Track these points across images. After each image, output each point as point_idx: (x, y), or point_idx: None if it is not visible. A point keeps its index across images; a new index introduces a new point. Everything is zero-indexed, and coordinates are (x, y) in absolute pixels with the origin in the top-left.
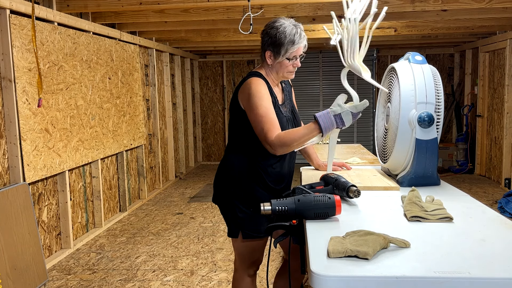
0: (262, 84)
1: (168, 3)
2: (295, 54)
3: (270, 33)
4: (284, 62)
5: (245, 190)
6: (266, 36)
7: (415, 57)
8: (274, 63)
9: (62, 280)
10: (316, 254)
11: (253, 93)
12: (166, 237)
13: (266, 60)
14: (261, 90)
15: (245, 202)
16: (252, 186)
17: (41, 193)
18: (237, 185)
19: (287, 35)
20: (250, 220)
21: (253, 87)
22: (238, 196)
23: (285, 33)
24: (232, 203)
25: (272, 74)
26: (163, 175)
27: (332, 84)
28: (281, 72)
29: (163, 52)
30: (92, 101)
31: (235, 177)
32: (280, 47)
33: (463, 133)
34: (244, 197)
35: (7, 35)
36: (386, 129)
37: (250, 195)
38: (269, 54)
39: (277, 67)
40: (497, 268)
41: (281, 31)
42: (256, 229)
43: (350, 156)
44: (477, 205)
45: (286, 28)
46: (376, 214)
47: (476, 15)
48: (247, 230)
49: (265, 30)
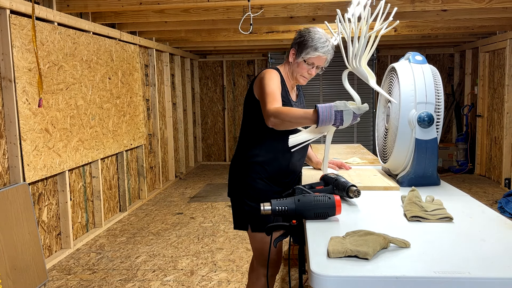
0: (275, 74)
1: (168, 3)
2: (314, 61)
3: (302, 33)
4: (301, 64)
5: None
6: (298, 35)
7: (415, 57)
8: (293, 62)
9: (62, 280)
10: (316, 254)
11: (265, 77)
12: (166, 237)
13: (289, 57)
14: (273, 77)
15: (250, 196)
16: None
17: (41, 193)
18: (243, 178)
19: (315, 40)
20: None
21: (266, 74)
22: (244, 190)
23: (313, 38)
24: (239, 197)
25: (289, 72)
26: (163, 175)
27: (332, 84)
28: (296, 73)
29: (163, 52)
30: (92, 101)
31: (241, 170)
32: (303, 47)
33: (463, 133)
34: (249, 190)
35: (7, 35)
36: (386, 129)
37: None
38: (293, 51)
39: (294, 67)
40: (497, 268)
41: (312, 35)
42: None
43: (350, 156)
44: (477, 205)
45: (317, 35)
46: (376, 214)
47: (476, 15)
48: (254, 223)
49: (300, 30)
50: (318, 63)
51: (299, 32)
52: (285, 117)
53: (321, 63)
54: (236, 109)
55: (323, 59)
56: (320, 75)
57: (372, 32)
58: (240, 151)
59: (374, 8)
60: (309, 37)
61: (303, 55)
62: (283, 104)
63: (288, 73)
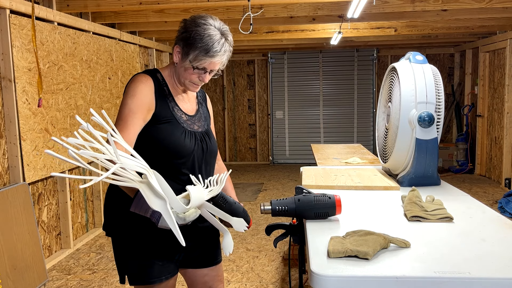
0: (144, 83)
1: (168, 3)
2: (206, 66)
3: (188, 26)
4: (189, 69)
5: (127, 223)
6: (182, 28)
7: (416, 57)
8: (179, 64)
9: (62, 280)
10: (316, 254)
11: (127, 91)
12: None
13: (173, 57)
14: (137, 88)
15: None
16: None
17: (41, 193)
18: (119, 216)
19: (205, 39)
20: (134, 264)
21: (131, 84)
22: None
23: (203, 36)
24: (115, 239)
25: (176, 76)
26: None
27: (332, 84)
28: (183, 78)
29: (163, 52)
30: (92, 101)
31: (117, 206)
32: (190, 47)
33: (463, 133)
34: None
35: (7, 35)
36: (386, 129)
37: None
38: (178, 49)
39: (181, 71)
40: (497, 268)
41: (200, 31)
42: (144, 274)
43: (350, 156)
44: (477, 205)
45: (206, 31)
46: (376, 214)
47: (476, 15)
48: (131, 275)
49: (186, 21)
50: (211, 67)
51: (184, 24)
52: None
53: (215, 67)
54: (236, 109)
55: (218, 63)
56: (320, 75)
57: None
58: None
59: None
60: (197, 33)
61: (190, 59)
62: (167, 124)
63: (174, 77)
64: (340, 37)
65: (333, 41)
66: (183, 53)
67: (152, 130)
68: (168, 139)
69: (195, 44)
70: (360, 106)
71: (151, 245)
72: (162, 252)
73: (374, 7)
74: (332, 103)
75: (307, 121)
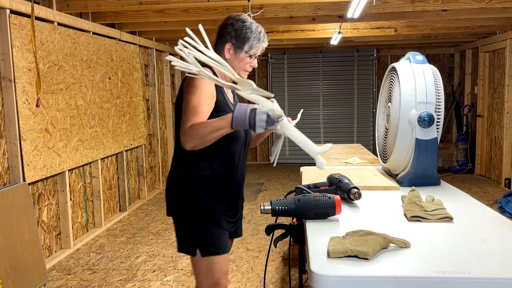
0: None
1: (168, 3)
2: (256, 52)
3: (236, 25)
4: (244, 59)
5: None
6: (229, 28)
7: (415, 57)
8: (233, 57)
9: (62, 280)
10: (316, 254)
11: (193, 83)
12: (166, 237)
13: (223, 54)
14: (203, 81)
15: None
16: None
17: (41, 193)
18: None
19: (253, 30)
20: (208, 235)
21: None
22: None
23: (251, 28)
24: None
25: None
26: (163, 175)
27: (332, 84)
28: (238, 69)
29: (163, 52)
30: (92, 101)
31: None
32: (244, 40)
33: (463, 133)
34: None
35: (7, 35)
36: (386, 129)
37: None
38: (229, 46)
39: (235, 63)
40: (497, 268)
41: (248, 25)
42: (215, 244)
43: (350, 156)
44: (477, 205)
45: (253, 24)
46: (376, 214)
47: (476, 15)
48: (204, 246)
49: (228, 22)
50: (258, 52)
51: (231, 25)
52: (198, 129)
53: (260, 51)
54: None
55: (264, 46)
56: (320, 75)
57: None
58: (179, 164)
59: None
60: (247, 28)
61: (246, 49)
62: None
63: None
64: (340, 37)
65: (333, 41)
66: (236, 48)
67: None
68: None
69: (247, 36)
70: (360, 106)
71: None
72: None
73: (374, 7)
74: (332, 103)
75: (307, 121)
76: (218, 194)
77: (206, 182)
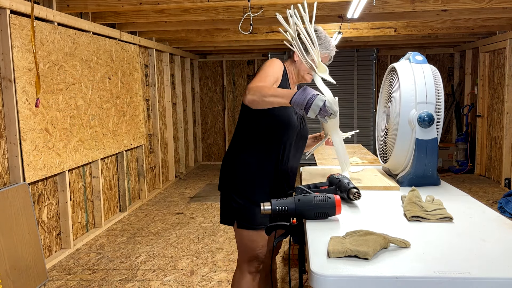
0: (279, 64)
1: (168, 3)
2: (323, 60)
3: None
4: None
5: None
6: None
7: (415, 57)
8: (300, 61)
9: (62, 280)
10: (316, 254)
11: (267, 63)
12: (166, 237)
13: (293, 56)
14: (275, 65)
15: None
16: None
17: (41, 193)
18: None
19: (323, 37)
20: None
21: (269, 61)
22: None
23: (320, 37)
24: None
25: (295, 71)
26: (163, 175)
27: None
28: (303, 71)
29: (163, 52)
30: (92, 101)
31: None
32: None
33: (463, 133)
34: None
35: (7, 35)
36: (386, 129)
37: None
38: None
39: (302, 66)
40: (497, 268)
41: (318, 34)
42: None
43: (350, 156)
44: (477, 205)
45: (322, 34)
46: (376, 214)
47: (476, 15)
48: (240, 220)
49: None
50: (325, 60)
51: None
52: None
53: (327, 60)
54: (236, 109)
55: (331, 55)
56: None
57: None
58: (234, 148)
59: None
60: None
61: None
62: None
63: (293, 71)
64: (340, 37)
65: (333, 41)
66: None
67: None
68: (283, 111)
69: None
70: (360, 106)
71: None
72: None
73: (374, 7)
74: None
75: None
76: (261, 178)
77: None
